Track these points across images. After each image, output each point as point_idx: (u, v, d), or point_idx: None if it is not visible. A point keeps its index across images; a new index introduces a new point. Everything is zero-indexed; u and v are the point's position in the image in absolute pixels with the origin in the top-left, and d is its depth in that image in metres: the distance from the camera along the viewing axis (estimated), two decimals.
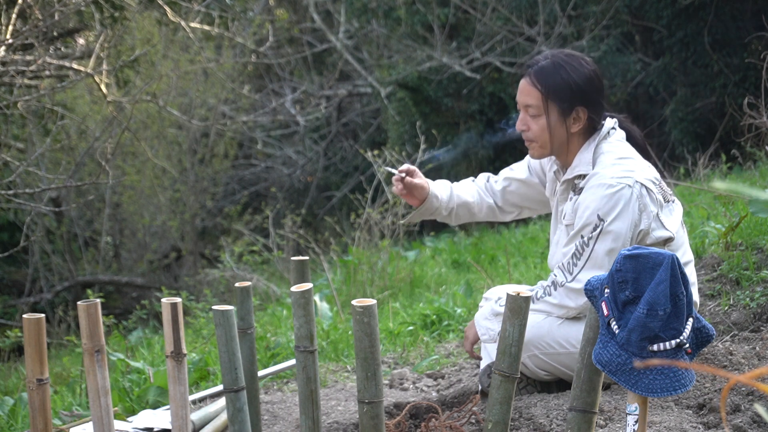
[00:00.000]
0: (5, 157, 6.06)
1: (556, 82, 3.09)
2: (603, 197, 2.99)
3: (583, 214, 3.02)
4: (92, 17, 8.25)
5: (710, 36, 10.53)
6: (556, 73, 3.10)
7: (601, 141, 3.13)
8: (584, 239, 3.01)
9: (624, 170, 3.03)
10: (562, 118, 3.11)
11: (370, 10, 12.51)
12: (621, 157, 3.09)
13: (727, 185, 3.04)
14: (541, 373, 3.19)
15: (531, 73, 3.13)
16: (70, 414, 3.94)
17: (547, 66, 3.11)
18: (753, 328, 3.52)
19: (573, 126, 3.12)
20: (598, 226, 2.98)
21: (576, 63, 3.13)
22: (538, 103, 3.11)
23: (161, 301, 2.52)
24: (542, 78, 3.10)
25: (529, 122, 3.15)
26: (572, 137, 3.14)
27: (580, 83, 3.10)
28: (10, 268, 11.28)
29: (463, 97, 11.86)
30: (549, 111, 3.10)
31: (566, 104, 3.10)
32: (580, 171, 3.11)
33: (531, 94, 3.12)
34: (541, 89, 3.10)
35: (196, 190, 11.59)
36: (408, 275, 6.60)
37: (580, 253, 3.01)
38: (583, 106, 3.11)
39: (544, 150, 3.17)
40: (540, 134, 3.13)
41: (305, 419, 2.49)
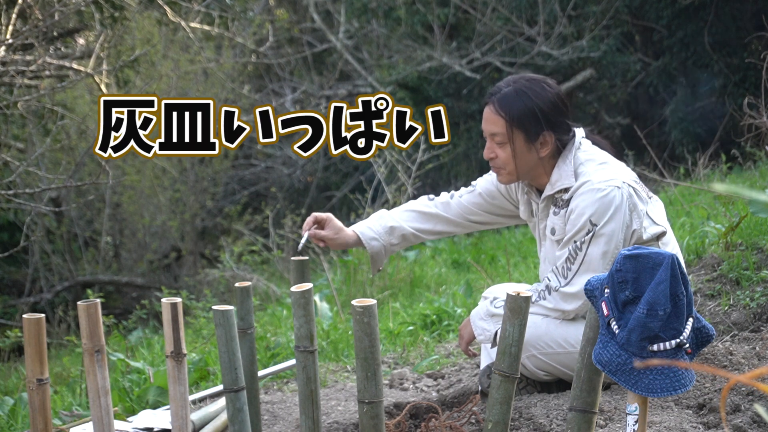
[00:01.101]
0: (5, 157, 6.06)
1: (519, 110, 3.06)
2: (594, 202, 2.99)
3: (576, 221, 3.03)
4: (92, 17, 8.25)
5: (710, 36, 10.53)
6: (519, 100, 3.06)
7: (576, 151, 3.12)
8: (577, 244, 3.01)
9: (609, 174, 3.04)
10: (529, 144, 3.08)
11: (370, 10, 12.51)
12: (602, 162, 3.10)
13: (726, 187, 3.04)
14: (540, 373, 3.19)
15: (494, 101, 3.09)
16: (70, 414, 3.94)
17: (509, 93, 3.08)
18: (753, 328, 3.53)
19: (541, 150, 3.09)
20: (590, 231, 2.99)
21: (538, 87, 3.10)
22: (503, 131, 3.07)
23: (161, 301, 2.52)
24: (505, 106, 3.07)
25: (496, 150, 3.11)
26: (542, 161, 3.12)
27: (544, 108, 3.07)
28: (10, 268, 11.28)
29: (463, 97, 11.86)
30: (515, 139, 3.07)
31: (532, 131, 3.07)
32: (563, 185, 3.08)
33: (496, 122, 3.09)
34: (506, 117, 3.07)
35: (196, 190, 11.59)
36: (408, 275, 6.60)
37: (573, 258, 3.01)
38: (549, 131, 3.08)
39: (512, 176, 3.15)
40: (507, 162, 3.10)
41: (305, 419, 2.49)
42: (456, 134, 11.99)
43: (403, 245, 3.41)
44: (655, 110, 11.47)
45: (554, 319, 3.13)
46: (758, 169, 6.43)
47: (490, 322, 3.15)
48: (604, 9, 11.11)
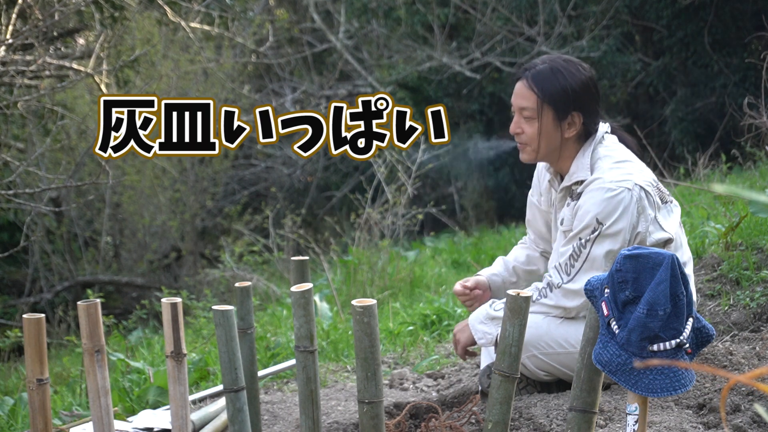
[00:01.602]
0: (5, 157, 6.06)
1: (553, 87, 3.09)
2: (602, 201, 3.00)
3: (583, 218, 3.03)
4: (92, 17, 8.25)
5: (710, 36, 10.53)
6: (553, 78, 3.09)
7: (597, 145, 3.13)
8: (582, 241, 3.02)
9: (623, 174, 3.04)
10: (556, 122, 3.10)
11: (370, 10, 12.52)
12: (619, 160, 3.10)
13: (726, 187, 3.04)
14: (540, 373, 3.19)
15: (528, 77, 3.12)
16: (70, 414, 3.94)
17: (544, 70, 3.11)
18: (753, 328, 3.52)
19: (567, 131, 3.11)
20: (596, 230, 2.99)
21: (573, 68, 3.13)
22: (534, 107, 3.10)
23: (161, 301, 2.52)
24: (539, 82, 3.10)
25: (523, 125, 3.14)
26: (566, 143, 3.13)
27: (577, 89, 3.10)
28: (10, 268, 11.28)
29: (463, 97, 11.86)
30: (544, 115, 3.10)
31: (561, 109, 3.09)
32: (579, 177, 3.11)
33: (527, 97, 3.11)
34: (538, 93, 3.09)
35: (196, 190, 11.59)
36: (408, 275, 6.60)
37: (577, 255, 3.02)
38: (579, 112, 3.10)
39: (534, 154, 3.16)
40: (533, 138, 3.12)
41: (305, 419, 2.49)
42: (456, 134, 11.98)
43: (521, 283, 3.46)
44: (655, 110, 11.48)
45: (555, 317, 3.13)
46: (758, 169, 6.43)
47: (491, 325, 3.15)
48: (604, 9, 11.12)
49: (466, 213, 12.44)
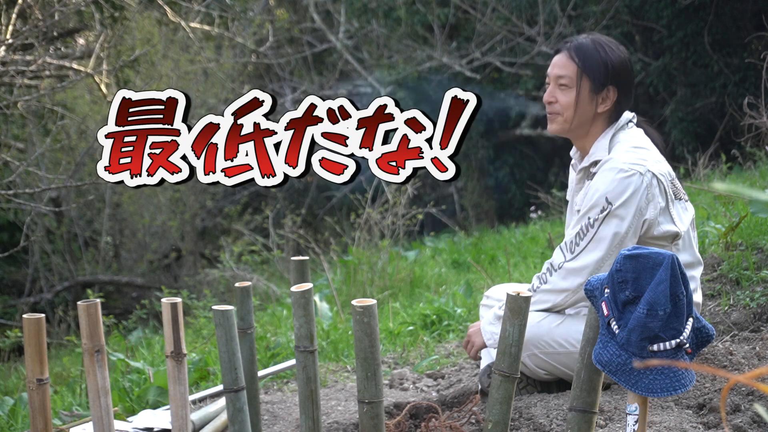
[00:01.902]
0: (5, 157, 6.06)
1: (593, 58, 3.15)
2: (613, 181, 3.01)
3: (592, 197, 3.04)
4: (92, 17, 8.25)
5: (710, 36, 10.53)
6: (594, 50, 3.16)
7: (618, 131, 3.18)
8: (590, 220, 3.02)
9: (637, 158, 3.06)
10: (592, 94, 3.15)
11: (370, 10, 12.51)
12: (636, 146, 3.13)
13: (726, 186, 3.04)
14: (540, 372, 3.19)
15: (570, 48, 3.19)
16: (70, 414, 3.94)
17: (586, 43, 3.18)
18: (753, 328, 3.52)
19: (600, 105, 3.16)
20: (605, 209, 3.00)
21: (613, 46, 3.21)
22: (572, 76, 3.16)
23: (161, 301, 2.52)
24: (581, 53, 3.16)
25: (558, 94, 3.18)
26: (596, 118, 3.17)
27: (616, 64, 3.17)
28: (10, 268, 11.28)
29: None
30: (582, 85, 3.15)
31: (599, 81, 3.15)
32: (596, 157, 3.14)
33: (567, 66, 3.17)
34: (578, 63, 3.15)
35: (196, 190, 11.58)
36: (408, 275, 6.60)
37: (584, 234, 3.02)
38: (615, 87, 3.16)
39: (565, 125, 3.19)
40: (567, 107, 3.16)
41: (305, 419, 2.49)
42: None
43: None
44: (655, 110, 11.48)
45: (556, 317, 3.14)
46: (758, 169, 6.43)
47: (498, 326, 3.15)
48: (604, 9, 11.11)
49: (466, 213, 12.44)
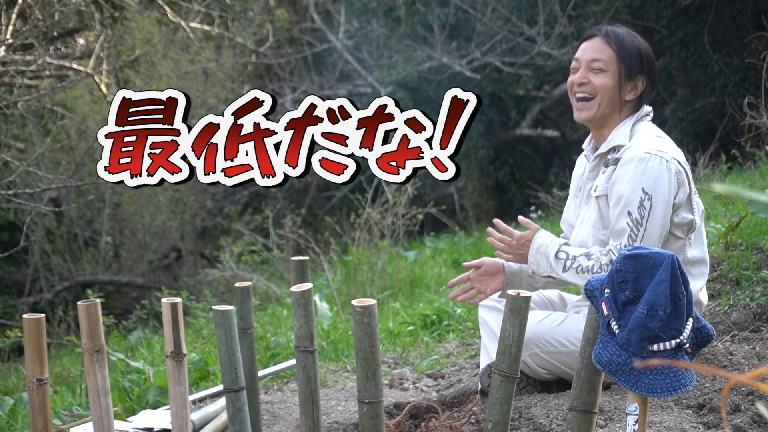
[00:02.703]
0: (5, 157, 6.06)
1: (629, 45, 3.18)
2: (644, 170, 3.00)
3: (625, 189, 3.01)
4: (92, 17, 8.25)
5: (710, 36, 10.53)
6: (629, 38, 3.19)
7: (639, 120, 3.19)
8: (633, 218, 2.99)
9: (661, 146, 3.08)
10: (624, 80, 3.17)
11: (370, 10, 12.51)
12: (658, 135, 3.15)
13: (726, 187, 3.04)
14: (541, 371, 3.19)
15: (607, 33, 3.20)
16: (70, 414, 3.94)
17: (620, 31, 3.21)
18: (753, 328, 3.52)
19: (630, 93, 3.18)
20: (644, 202, 2.98)
21: (643, 40, 3.25)
22: (609, 60, 3.16)
23: (161, 301, 2.52)
24: (618, 38, 3.18)
25: (591, 77, 3.18)
26: (623, 106, 3.18)
27: (647, 54, 3.21)
28: (10, 268, 11.28)
29: None
30: (613, 67, 3.16)
31: (633, 68, 3.17)
32: (616, 143, 3.13)
33: (603, 50, 3.18)
34: (615, 48, 3.17)
35: (196, 190, 11.59)
36: (408, 275, 6.60)
37: (635, 235, 2.98)
38: (645, 76, 3.19)
39: (595, 109, 3.18)
40: (602, 89, 3.16)
41: (305, 419, 2.49)
42: None
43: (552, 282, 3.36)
44: (655, 110, 11.44)
45: (557, 316, 3.14)
46: (758, 169, 6.43)
47: (545, 264, 3.11)
48: (604, 9, 11.11)
49: (466, 213, 12.44)
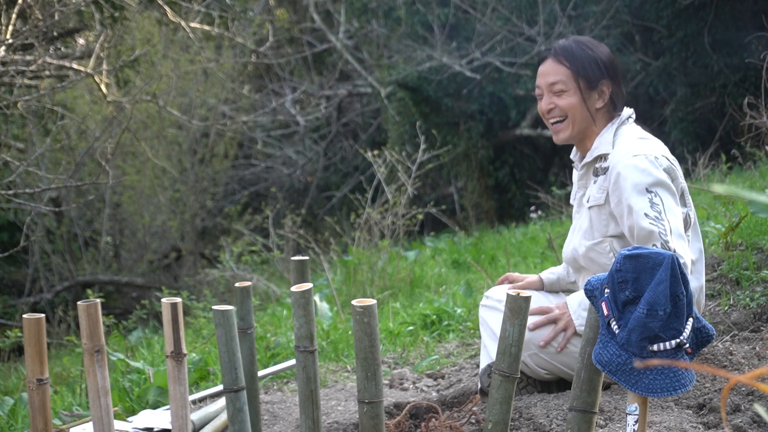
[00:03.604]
0: (5, 157, 6.06)
1: (582, 57, 3.16)
2: (639, 173, 2.98)
3: (631, 199, 2.97)
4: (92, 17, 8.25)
5: (710, 36, 10.53)
6: (580, 50, 3.18)
7: (621, 125, 3.18)
8: (653, 216, 2.95)
9: (646, 146, 3.07)
10: (588, 92, 3.16)
11: (370, 10, 12.51)
12: (641, 137, 3.14)
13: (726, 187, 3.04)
14: (541, 371, 3.19)
15: (557, 52, 3.19)
16: (70, 414, 3.94)
17: (570, 45, 3.19)
18: (753, 328, 3.52)
19: (598, 101, 3.17)
20: (654, 198, 2.96)
21: (595, 43, 3.23)
22: (566, 79, 3.16)
23: (161, 301, 2.52)
24: (568, 55, 3.17)
25: (555, 100, 3.18)
26: (596, 115, 3.18)
27: (604, 59, 3.18)
28: (10, 268, 11.29)
29: (463, 97, 11.86)
30: (571, 85, 3.15)
31: (593, 78, 3.16)
32: (601, 151, 3.13)
33: (558, 71, 3.17)
34: (568, 65, 3.16)
35: (196, 190, 11.59)
36: (408, 275, 6.60)
37: (664, 229, 2.93)
38: (608, 81, 3.17)
39: (570, 128, 3.19)
40: (568, 109, 3.16)
41: (305, 419, 2.49)
42: (456, 134, 11.99)
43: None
44: (655, 110, 11.48)
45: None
46: (758, 169, 6.43)
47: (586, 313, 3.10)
48: (604, 9, 11.11)
49: (466, 213, 12.44)
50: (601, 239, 3.11)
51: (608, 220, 3.10)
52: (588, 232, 3.14)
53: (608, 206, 3.09)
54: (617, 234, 3.09)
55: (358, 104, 14.62)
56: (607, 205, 3.09)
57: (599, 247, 3.11)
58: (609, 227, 3.10)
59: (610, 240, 3.09)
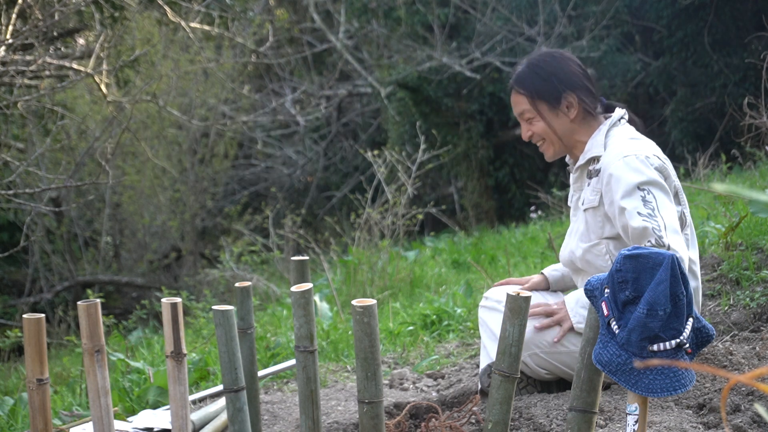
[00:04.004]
0: (5, 157, 6.06)
1: (534, 80, 3.19)
2: (630, 172, 2.98)
3: (623, 199, 2.97)
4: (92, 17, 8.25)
5: (710, 36, 10.53)
6: (532, 73, 3.20)
7: (612, 127, 3.18)
8: (646, 213, 2.94)
9: (635, 146, 3.07)
10: (553, 111, 3.18)
11: (370, 10, 12.51)
12: (632, 138, 3.14)
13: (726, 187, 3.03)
14: (541, 371, 3.19)
15: (513, 84, 3.24)
16: (70, 414, 3.94)
17: (522, 71, 3.23)
18: (753, 328, 3.52)
19: (569, 113, 3.18)
20: (647, 196, 2.95)
21: (548, 57, 3.23)
22: (527, 106, 3.20)
23: (161, 301, 2.52)
24: (522, 83, 3.21)
25: (530, 127, 3.23)
26: (574, 125, 3.19)
27: (557, 72, 3.18)
28: (10, 268, 11.29)
29: (463, 97, 11.86)
30: (540, 109, 3.18)
31: (552, 96, 3.17)
32: (593, 154, 3.14)
33: (519, 101, 3.23)
34: (525, 93, 3.20)
35: (196, 190, 11.59)
36: (408, 275, 6.60)
37: (657, 225, 2.91)
38: (570, 91, 3.17)
39: (555, 147, 3.22)
40: (544, 132, 3.20)
41: (305, 419, 2.49)
42: (456, 134, 11.99)
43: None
44: (655, 110, 11.48)
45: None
46: (758, 169, 6.43)
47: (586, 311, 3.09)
48: (604, 9, 11.12)
49: (466, 213, 12.44)
50: (597, 241, 3.10)
51: (603, 221, 3.09)
52: (584, 235, 3.14)
53: (602, 208, 3.09)
54: (613, 235, 3.08)
55: (358, 104, 14.62)
56: (601, 207, 3.09)
57: (596, 249, 3.10)
58: (604, 229, 3.10)
59: (606, 242, 3.09)
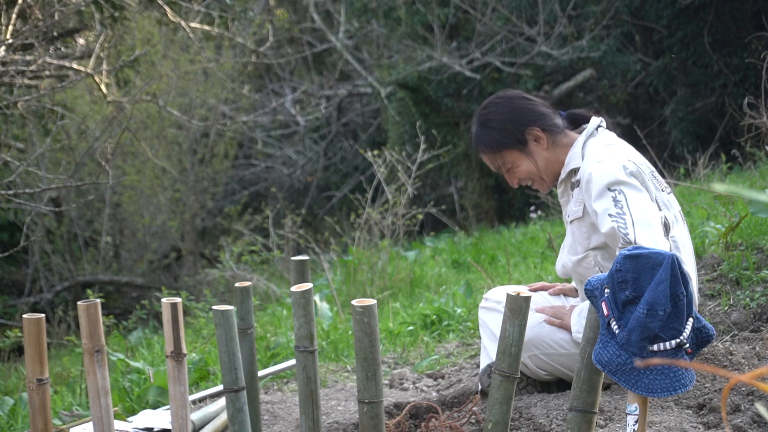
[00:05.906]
0: (5, 157, 6.06)
1: (493, 135, 3.19)
2: (601, 176, 2.96)
3: (595, 202, 2.96)
4: (92, 17, 8.25)
5: (710, 36, 10.53)
6: (486, 130, 3.21)
7: (589, 137, 3.17)
8: (615, 212, 2.91)
9: (610, 152, 3.05)
10: (523, 151, 3.18)
11: (370, 10, 12.51)
12: (609, 144, 3.13)
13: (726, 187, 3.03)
14: (541, 373, 3.19)
15: (475, 148, 3.28)
16: (70, 414, 3.94)
17: (476, 132, 3.24)
18: (753, 328, 3.52)
19: (540, 145, 3.18)
20: (617, 196, 2.92)
21: (494, 107, 3.23)
22: (499, 162, 3.22)
23: (161, 301, 2.52)
24: (482, 143, 3.22)
25: (514, 175, 3.24)
26: (551, 152, 3.18)
27: (509, 117, 3.19)
28: (10, 268, 11.29)
29: (463, 97, 11.86)
30: (512, 157, 3.19)
31: (514, 140, 3.18)
32: (572, 166, 3.14)
33: (491, 160, 3.25)
34: (488, 151, 3.21)
35: (196, 190, 11.59)
36: (408, 275, 6.60)
37: (624, 223, 2.88)
38: (529, 126, 3.17)
39: (543, 181, 3.23)
40: (529, 173, 3.21)
41: (305, 419, 2.49)
42: (456, 134, 11.99)
43: None
44: (655, 110, 11.48)
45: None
46: (758, 169, 6.43)
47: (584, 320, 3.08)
48: (604, 9, 11.12)
49: (466, 213, 12.44)
50: (584, 254, 3.07)
51: (589, 231, 3.06)
52: (572, 248, 3.13)
53: (588, 217, 3.07)
54: (599, 245, 3.04)
55: (358, 104, 14.62)
56: (586, 217, 3.06)
57: (584, 262, 3.09)
58: (591, 240, 3.06)
59: (594, 253, 3.05)
